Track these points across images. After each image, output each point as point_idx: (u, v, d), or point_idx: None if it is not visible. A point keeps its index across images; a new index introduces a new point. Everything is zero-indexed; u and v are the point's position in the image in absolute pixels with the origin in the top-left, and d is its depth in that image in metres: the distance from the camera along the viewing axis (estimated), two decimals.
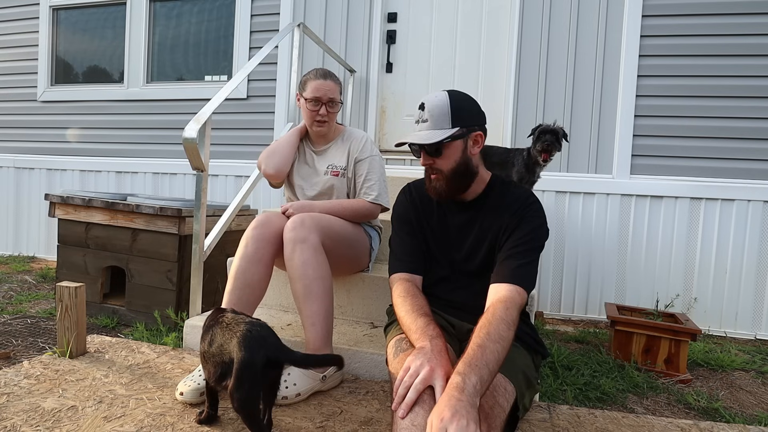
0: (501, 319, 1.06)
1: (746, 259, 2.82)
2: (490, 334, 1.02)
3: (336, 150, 1.92)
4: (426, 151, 1.26)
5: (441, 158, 1.25)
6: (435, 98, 1.24)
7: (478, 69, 3.34)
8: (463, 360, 0.97)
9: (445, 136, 1.21)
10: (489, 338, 1.01)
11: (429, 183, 1.31)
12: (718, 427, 1.39)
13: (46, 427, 1.21)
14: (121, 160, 4.07)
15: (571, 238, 3.04)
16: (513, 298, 1.13)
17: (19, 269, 3.69)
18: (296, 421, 1.30)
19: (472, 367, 0.94)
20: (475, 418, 0.86)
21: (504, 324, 1.05)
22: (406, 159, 3.37)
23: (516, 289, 1.15)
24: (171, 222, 2.35)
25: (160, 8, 4.02)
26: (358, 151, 1.89)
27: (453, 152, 1.25)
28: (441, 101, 1.24)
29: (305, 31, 2.82)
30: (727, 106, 2.85)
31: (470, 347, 0.99)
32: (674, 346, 2.08)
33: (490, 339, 1.01)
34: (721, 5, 2.83)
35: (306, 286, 1.52)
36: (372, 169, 1.88)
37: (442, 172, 1.26)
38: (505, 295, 1.14)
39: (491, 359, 0.97)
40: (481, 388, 0.93)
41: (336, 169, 1.89)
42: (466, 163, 1.27)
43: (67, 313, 1.64)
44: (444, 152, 1.24)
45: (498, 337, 1.02)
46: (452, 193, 1.30)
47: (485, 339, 1.00)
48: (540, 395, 1.67)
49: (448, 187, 1.28)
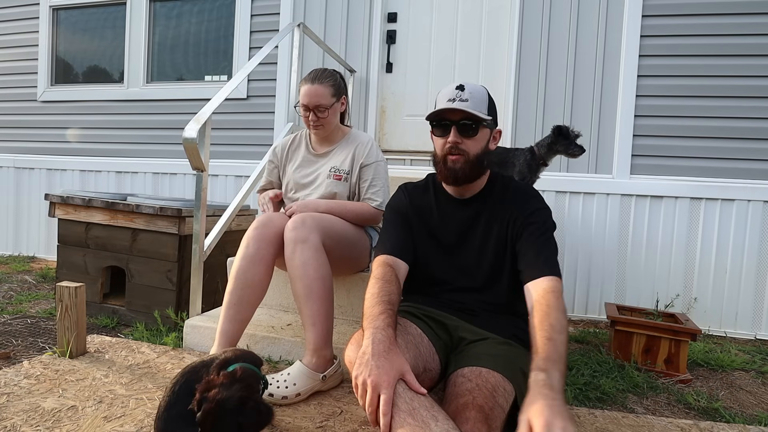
0: (556, 308, 1.06)
1: (746, 259, 2.82)
2: (553, 325, 1.01)
3: (340, 153, 1.89)
4: (458, 130, 1.24)
5: (472, 139, 1.25)
6: (474, 85, 1.26)
7: (478, 69, 3.34)
8: (540, 356, 0.94)
9: (488, 118, 1.23)
10: (554, 330, 1.00)
11: (444, 166, 1.28)
12: (718, 427, 1.39)
13: (46, 427, 1.21)
14: (121, 160, 4.07)
15: (571, 238, 3.04)
16: (557, 287, 1.14)
17: (19, 269, 3.69)
18: (296, 421, 1.30)
19: (552, 362, 0.92)
20: (571, 417, 0.84)
21: (560, 312, 1.05)
22: (406, 159, 3.37)
23: (554, 279, 1.16)
24: (171, 222, 2.35)
25: (160, 8, 4.02)
26: (364, 156, 1.87)
27: (482, 137, 1.27)
28: (480, 88, 1.26)
29: (305, 31, 2.82)
30: (727, 106, 2.85)
31: (540, 342, 0.98)
32: (674, 346, 2.08)
33: (555, 330, 1.00)
34: (721, 5, 2.83)
35: (307, 285, 1.51)
36: (377, 174, 1.87)
37: (467, 154, 1.25)
38: (550, 285, 1.14)
39: (562, 351, 0.97)
40: (563, 382, 0.92)
41: (339, 173, 1.87)
42: (485, 154, 1.29)
43: (67, 313, 1.64)
44: (478, 133, 1.25)
45: (561, 327, 1.02)
46: (469, 179, 1.29)
47: (551, 331, 1.00)
48: None
49: (469, 170, 1.26)
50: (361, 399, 0.96)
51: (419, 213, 1.39)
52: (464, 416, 0.98)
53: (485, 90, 1.27)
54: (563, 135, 2.11)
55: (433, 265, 1.37)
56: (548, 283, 1.14)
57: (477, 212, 1.32)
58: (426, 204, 1.39)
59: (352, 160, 1.88)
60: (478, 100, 1.24)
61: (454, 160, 1.26)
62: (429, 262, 1.37)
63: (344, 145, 1.91)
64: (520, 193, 1.30)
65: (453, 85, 1.25)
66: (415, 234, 1.38)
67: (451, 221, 1.35)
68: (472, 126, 1.23)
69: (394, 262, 1.28)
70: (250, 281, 1.55)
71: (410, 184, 1.45)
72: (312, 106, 1.80)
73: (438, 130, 1.28)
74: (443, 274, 1.36)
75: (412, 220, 1.38)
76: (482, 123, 1.23)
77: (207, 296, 2.35)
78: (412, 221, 1.38)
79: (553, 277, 1.16)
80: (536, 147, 2.18)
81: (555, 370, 0.91)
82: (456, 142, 1.25)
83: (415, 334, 1.20)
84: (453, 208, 1.36)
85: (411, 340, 1.17)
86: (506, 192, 1.31)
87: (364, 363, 0.97)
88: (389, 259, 1.28)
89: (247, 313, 1.57)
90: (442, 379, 1.25)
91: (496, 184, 1.34)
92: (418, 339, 1.20)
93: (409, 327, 1.21)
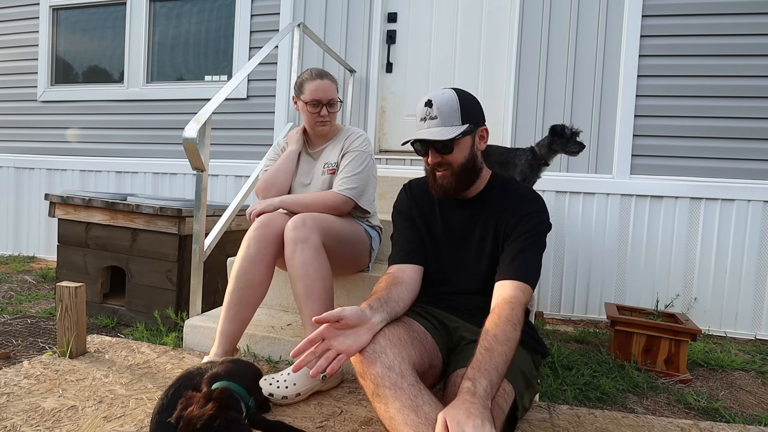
0: (507, 320, 1.07)
1: (746, 259, 2.82)
2: (497, 336, 1.03)
3: (332, 149, 1.88)
4: (436, 149, 1.24)
5: (451, 155, 1.24)
6: (442, 95, 1.23)
7: (478, 69, 3.34)
8: (473, 365, 0.98)
9: (458, 133, 1.20)
10: (496, 341, 1.02)
11: (434, 181, 1.29)
12: (718, 427, 1.39)
13: (46, 427, 1.21)
14: (121, 160, 4.07)
15: (571, 238, 3.04)
16: (518, 297, 1.14)
17: (19, 269, 3.69)
18: (296, 421, 1.30)
19: (481, 371, 0.96)
20: (489, 417, 0.88)
21: (510, 325, 1.06)
22: (406, 159, 3.37)
23: (521, 286, 1.16)
24: (171, 222, 2.35)
25: (160, 8, 4.02)
26: (349, 144, 1.83)
27: (463, 148, 1.25)
28: (449, 98, 1.22)
29: (305, 31, 2.82)
30: (727, 106, 2.85)
31: (478, 351, 1.00)
32: (674, 346, 2.08)
33: (498, 341, 1.02)
34: (721, 5, 2.83)
35: (307, 286, 1.51)
36: (355, 162, 1.79)
37: (451, 167, 1.25)
38: (510, 294, 1.15)
39: (500, 362, 0.99)
40: (492, 391, 0.95)
41: (332, 167, 1.84)
42: (473, 159, 1.28)
43: (67, 313, 1.64)
44: (455, 148, 1.24)
45: (505, 338, 1.03)
46: (459, 190, 1.29)
47: (492, 342, 1.01)
48: (540, 395, 1.67)
49: (456, 183, 1.27)
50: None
51: (422, 211, 1.40)
52: None
53: (455, 96, 1.23)
54: (558, 134, 2.12)
55: (433, 266, 1.37)
56: (510, 291, 1.15)
57: (476, 213, 1.33)
58: (428, 202, 1.40)
59: (340, 151, 1.85)
60: (448, 113, 1.21)
61: (441, 176, 1.27)
62: (429, 263, 1.37)
63: (337, 140, 1.89)
64: (517, 196, 1.29)
65: (423, 100, 1.24)
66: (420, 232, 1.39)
67: (451, 221, 1.36)
68: (447, 145, 1.23)
69: (398, 269, 1.32)
70: (251, 282, 1.55)
71: (414, 181, 1.46)
72: (326, 101, 1.79)
73: (419, 150, 1.29)
74: (443, 275, 1.36)
75: (416, 219, 1.39)
76: (456, 138, 1.21)
77: (207, 296, 2.35)
78: (417, 220, 1.39)
79: (519, 284, 1.16)
80: (537, 147, 2.18)
81: (483, 378, 0.95)
82: (436, 161, 1.26)
83: (420, 332, 1.22)
84: (453, 208, 1.36)
85: (416, 337, 1.19)
86: (505, 194, 1.31)
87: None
88: (392, 268, 1.33)
89: (247, 313, 1.57)
90: (443, 377, 1.26)
91: (496, 185, 1.34)
92: (423, 336, 1.21)
93: (414, 325, 1.23)
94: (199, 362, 1.38)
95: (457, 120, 1.22)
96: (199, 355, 1.77)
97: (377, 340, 1.07)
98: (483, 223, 1.31)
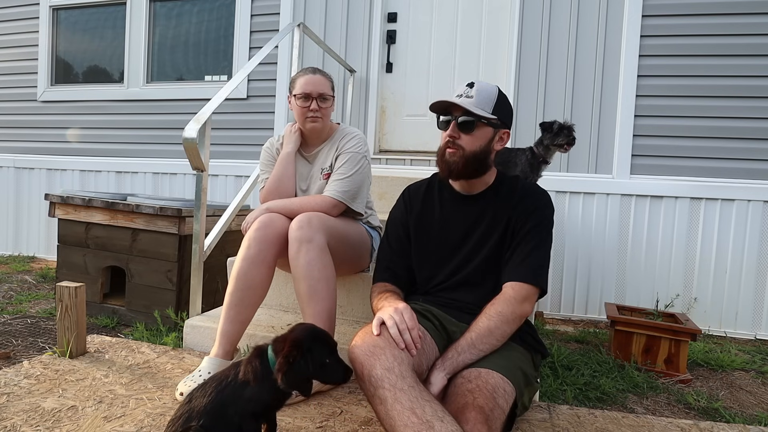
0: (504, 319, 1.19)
1: (746, 259, 2.82)
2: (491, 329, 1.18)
3: (328, 151, 1.82)
4: (459, 124, 1.27)
5: (469, 135, 1.27)
6: (486, 84, 1.29)
7: (478, 69, 3.33)
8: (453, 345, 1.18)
9: (485, 115, 1.25)
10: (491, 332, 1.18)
11: (442, 159, 1.31)
12: (718, 427, 1.39)
13: (46, 427, 1.21)
14: (121, 160, 4.07)
15: (571, 238, 3.04)
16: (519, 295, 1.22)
17: (19, 269, 3.69)
18: (296, 421, 1.30)
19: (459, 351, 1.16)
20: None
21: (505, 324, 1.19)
22: (406, 159, 3.37)
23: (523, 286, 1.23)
24: (171, 222, 2.35)
25: (160, 8, 4.02)
26: (343, 146, 1.78)
27: (481, 136, 1.28)
28: (491, 88, 1.29)
29: (305, 31, 2.82)
30: (727, 106, 2.85)
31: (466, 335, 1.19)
32: (674, 346, 2.08)
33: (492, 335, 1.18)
34: (721, 5, 2.83)
35: (311, 286, 1.50)
36: (349, 164, 1.73)
37: (462, 150, 1.27)
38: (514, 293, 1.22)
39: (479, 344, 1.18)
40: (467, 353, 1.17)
41: (327, 171, 1.80)
42: (486, 153, 1.30)
43: (67, 313, 1.64)
44: (475, 132, 1.26)
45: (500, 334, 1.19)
46: (463, 174, 1.30)
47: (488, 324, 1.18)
48: (540, 395, 1.67)
49: (463, 167, 1.28)
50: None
51: (419, 216, 1.40)
52: (464, 417, 0.98)
53: (497, 90, 1.29)
54: (546, 129, 2.17)
55: (433, 264, 1.37)
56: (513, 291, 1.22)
57: (482, 210, 1.33)
58: (428, 203, 1.40)
59: (335, 153, 1.80)
60: (484, 99, 1.25)
61: (451, 153, 1.29)
62: (430, 262, 1.37)
63: (332, 141, 1.83)
64: (525, 193, 1.32)
65: (467, 82, 1.29)
66: (415, 239, 1.41)
67: (454, 217, 1.36)
68: (471, 123, 1.25)
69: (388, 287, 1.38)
70: (251, 282, 1.55)
71: (412, 186, 1.47)
72: (315, 95, 1.73)
73: (442, 123, 1.31)
74: (443, 273, 1.36)
75: (410, 228, 1.41)
76: (481, 120, 1.24)
77: (207, 296, 2.34)
78: (411, 230, 1.41)
79: (522, 284, 1.22)
80: (535, 146, 2.21)
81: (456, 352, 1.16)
82: (453, 136, 1.27)
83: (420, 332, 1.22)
84: (458, 204, 1.36)
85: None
86: (513, 191, 1.33)
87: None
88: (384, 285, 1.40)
89: (247, 314, 1.56)
90: None
91: (504, 183, 1.36)
92: (423, 337, 1.20)
93: None
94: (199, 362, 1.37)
95: (490, 109, 1.26)
96: (199, 355, 1.77)
97: (377, 342, 1.07)
98: (489, 220, 1.32)
